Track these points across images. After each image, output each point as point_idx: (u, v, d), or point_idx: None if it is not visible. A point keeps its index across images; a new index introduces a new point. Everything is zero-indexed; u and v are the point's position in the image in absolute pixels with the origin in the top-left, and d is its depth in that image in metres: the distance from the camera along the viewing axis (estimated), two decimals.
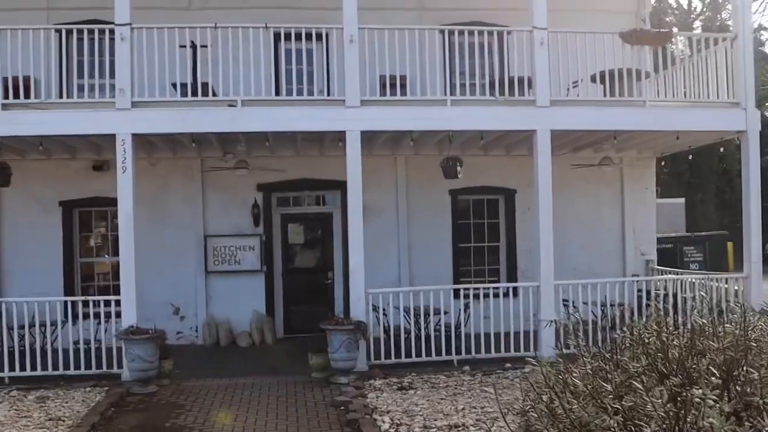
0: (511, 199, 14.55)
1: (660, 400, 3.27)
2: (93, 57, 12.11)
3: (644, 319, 5.03)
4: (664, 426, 3.30)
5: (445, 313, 11.18)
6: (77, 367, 10.49)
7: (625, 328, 4.31)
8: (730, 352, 3.66)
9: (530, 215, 12.62)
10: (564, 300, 11.50)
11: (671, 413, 3.30)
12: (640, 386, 3.42)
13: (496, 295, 11.63)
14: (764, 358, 3.63)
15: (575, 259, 14.09)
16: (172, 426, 8.09)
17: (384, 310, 11.26)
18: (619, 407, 3.47)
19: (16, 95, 11.04)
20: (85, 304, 11.26)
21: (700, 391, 3.24)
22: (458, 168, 12.05)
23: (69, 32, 11.31)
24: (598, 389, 3.64)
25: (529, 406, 3.90)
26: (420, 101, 11.35)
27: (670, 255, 19.56)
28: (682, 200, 26.63)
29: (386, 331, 11.30)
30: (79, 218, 14.15)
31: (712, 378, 3.34)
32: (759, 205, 11.66)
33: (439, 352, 10.97)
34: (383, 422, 7.73)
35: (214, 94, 11.47)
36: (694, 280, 12.22)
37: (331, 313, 12.88)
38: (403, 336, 11.12)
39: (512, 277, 14.22)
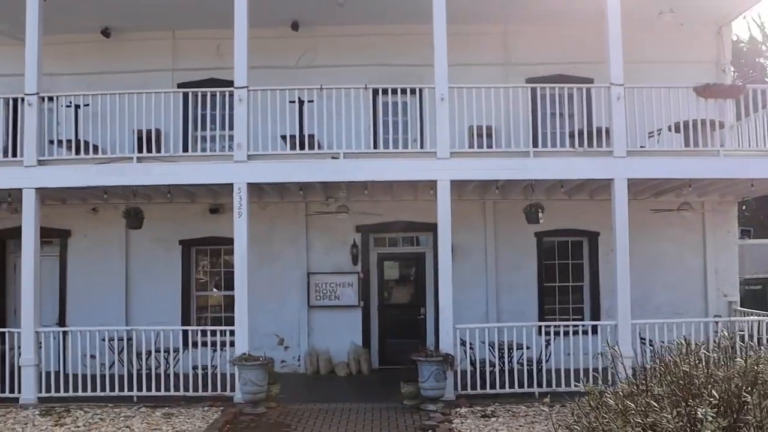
0: (594, 240, 15.27)
1: (670, 416, 4.17)
2: (214, 111, 13.81)
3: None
4: None
5: (528, 348, 12.05)
6: (195, 389, 11.84)
7: (657, 359, 5.17)
8: (737, 380, 4.51)
9: (613, 256, 13.28)
10: (642, 338, 12.13)
11: (680, 427, 4.20)
12: (656, 406, 4.32)
13: (575, 333, 12.37)
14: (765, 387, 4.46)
15: (658, 299, 14.78)
16: None
17: (471, 344, 12.22)
18: (641, 421, 4.38)
19: (149, 145, 12.73)
20: (202, 333, 12.70)
21: (703, 409, 4.13)
22: (539, 214, 12.95)
23: (195, 94, 12.92)
24: (627, 408, 4.55)
25: (572, 421, 4.83)
26: (504, 153, 12.38)
27: (759, 296, 19.64)
28: None
29: (473, 363, 12.23)
30: (195, 255, 15.73)
31: (711, 399, 4.21)
32: None
33: (521, 385, 11.82)
34: None
35: (318, 146, 12.88)
36: None
37: (422, 346, 13.83)
38: (488, 369, 12.01)
39: (596, 315, 14.89)
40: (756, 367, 4.66)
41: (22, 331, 12.06)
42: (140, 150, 12.78)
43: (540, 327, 12.48)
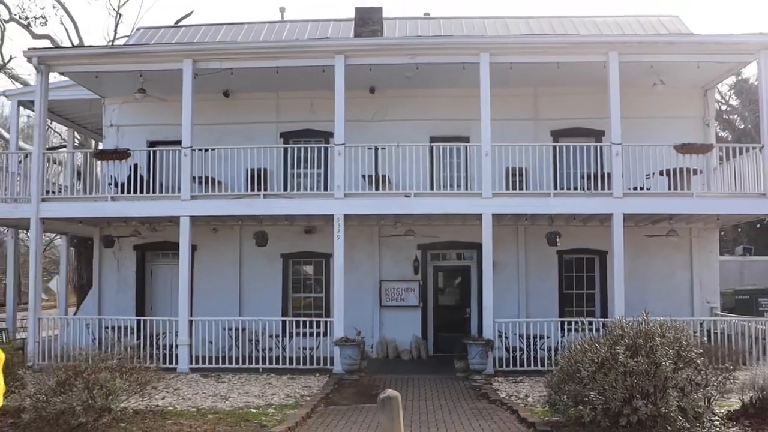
0: (603, 258, 19.39)
1: (603, 350, 8.50)
2: (308, 154, 18.31)
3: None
4: (607, 363, 8.52)
5: (548, 338, 16.28)
6: (304, 364, 16.24)
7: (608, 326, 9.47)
8: (642, 336, 8.81)
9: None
10: None
11: (609, 356, 8.52)
12: (598, 347, 8.65)
13: (583, 329, 16.47)
14: (657, 340, 8.71)
15: (652, 305, 18.21)
16: (376, 393, 13.62)
17: (505, 334, 16.49)
18: (592, 355, 8.69)
19: (253, 180, 17.34)
20: (305, 324, 17.12)
21: (620, 347, 8.44)
22: (557, 239, 17.17)
23: (298, 149, 17.56)
24: (586, 348, 8.88)
25: (560, 358, 9.17)
26: (532, 193, 16.73)
27: (747, 305, 23.38)
28: None
29: (507, 350, 16.47)
30: (292, 266, 20.20)
31: (624, 344, 8.50)
32: None
33: (543, 365, 15.97)
34: (501, 394, 13.14)
35: (391, 183, 17.30)
36: (739, 322, 16.62)
37: (468, 336, 18.11)
38: (518, 354, 16.21)
39: (604, 316, 18.97)
40: (654, 329, 8.94)
41: (179, 320, 16.60)
42: (247, 183, 17.62)
43: (557, 323, 16.70)
